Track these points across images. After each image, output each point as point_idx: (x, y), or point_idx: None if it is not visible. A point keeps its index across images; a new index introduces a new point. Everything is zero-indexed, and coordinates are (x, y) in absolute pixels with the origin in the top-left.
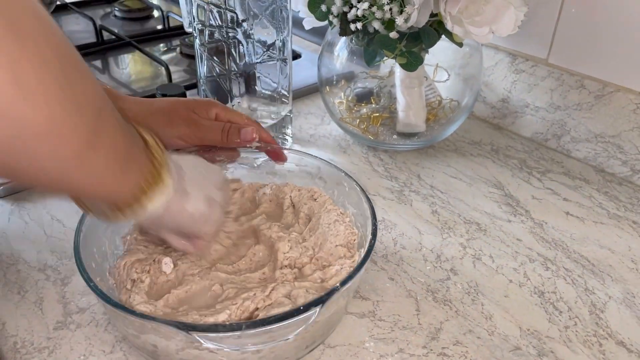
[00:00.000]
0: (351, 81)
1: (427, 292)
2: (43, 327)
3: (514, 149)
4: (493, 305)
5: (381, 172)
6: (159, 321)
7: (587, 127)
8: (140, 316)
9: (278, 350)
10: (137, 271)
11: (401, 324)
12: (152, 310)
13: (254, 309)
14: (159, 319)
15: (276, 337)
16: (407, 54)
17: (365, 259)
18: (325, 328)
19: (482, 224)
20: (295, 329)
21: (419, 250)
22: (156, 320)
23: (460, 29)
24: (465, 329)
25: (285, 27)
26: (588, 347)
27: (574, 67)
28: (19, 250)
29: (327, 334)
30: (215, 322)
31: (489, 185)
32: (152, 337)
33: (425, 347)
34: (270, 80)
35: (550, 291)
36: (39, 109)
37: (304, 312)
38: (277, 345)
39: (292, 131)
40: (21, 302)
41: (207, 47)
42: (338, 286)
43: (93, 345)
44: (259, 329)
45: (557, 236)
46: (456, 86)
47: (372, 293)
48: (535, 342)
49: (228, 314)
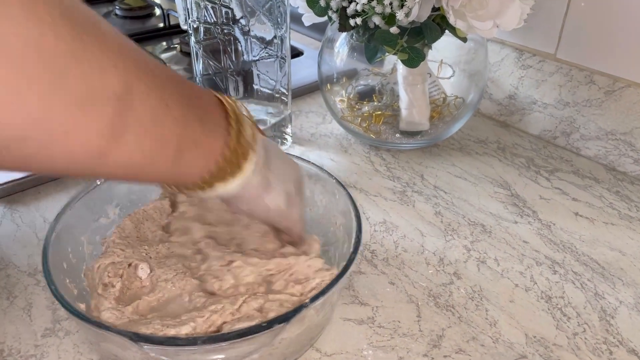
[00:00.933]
0: (353, 79)
1: (429, 297)
2: (31, 335)
3: (521, 147)
4: (498, 310)
5: (383, 172)
6: (111, 330)
7: (597, 124)
8: (94, 324)
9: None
10: (109, 275)
11: (401, 331)
12: (118, 317)
13: (222, 322)
14: (112, 328)
15: (239, 354)
16: (408, 49)
17: (341, 275)
18: (298, 345)
19: (487, 225)
20: (258, 347)
21: (421, 253)
22: (108, 329)
23: (464, 23)
24: (468, 336)
25: (284, 23)
26: (598, 355)
27: (583, 62)
28: (9, 254)
29: (301, 350)
30: (174, 335)
31: (494, 185)
32: (110, 346)
33: (426, 356)
34: (269, 78)
35: (558, 296)
36: (12, 111)
37: (266, 329)
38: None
39: (292, 130)
40: (10, 308)
41: (202, 45)
42: (307, 302)
43: (81, 354)
44: (216, 345)
45: (566, 238)
46: (461, 83)
47: (371, 298)
48: (542, 350)
49: (193, 327)
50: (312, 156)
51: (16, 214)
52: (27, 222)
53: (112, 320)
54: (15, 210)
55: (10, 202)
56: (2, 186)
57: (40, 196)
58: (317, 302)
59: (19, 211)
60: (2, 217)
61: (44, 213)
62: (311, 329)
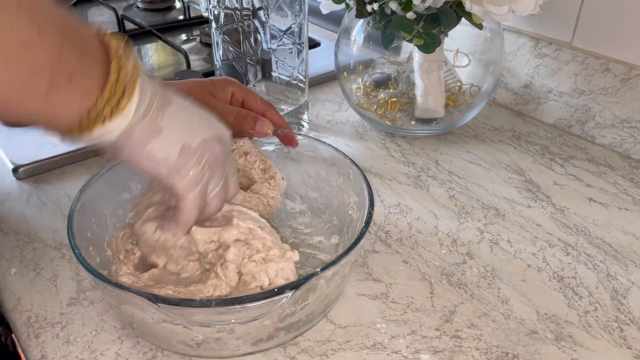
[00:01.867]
0: (369, 67)
1: (441, 276)
2: (57, 303)
3: (536, 136)
4: (510, 289)
5: (398, 158)
6: (131, 291)
7: (612, 112)
8: (115, 285)
9: (253, 331)
10: (132, 242)
11: (414, 306)
12: (134, 282)
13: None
14: (132, 289)
15: (248, 318)
16: (424, 35)
17: (352, 246)
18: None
19: (500, 209)
20: (267, 312)
21: (434, 234)
22: (129, 290)
23: (479, 8)
24: (480, 312)
25: (302, 11)
26: (609, 332)
27: (599, 50)
28: (36, 229)
29: (313, 321)
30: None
31: (509, 171)
32: (129, 308)
33: (438, 330)
34: (287, 65)
35: (570, 276)
36: None
37: (276, 295)
38: (251, 325)
39: (308, 117)
40: (36, 279)
41: (222, 31)
42: (317, 271)
43: (105, 321)
44: (228, 307)
45: (579, 222)
46: (477, 71)
47: (385, 275)
48: (553, 327)
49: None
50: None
51: (42, 192)
52: (52, 200)
53: (129, 284)
54: (42, 189)
55: (36, 181)
56: (29, 166)
57: (65, 176)
58: (328, 272)
59: (45, 190)
60: (29, 195)
61: (68, 192)
62: (321, 299)
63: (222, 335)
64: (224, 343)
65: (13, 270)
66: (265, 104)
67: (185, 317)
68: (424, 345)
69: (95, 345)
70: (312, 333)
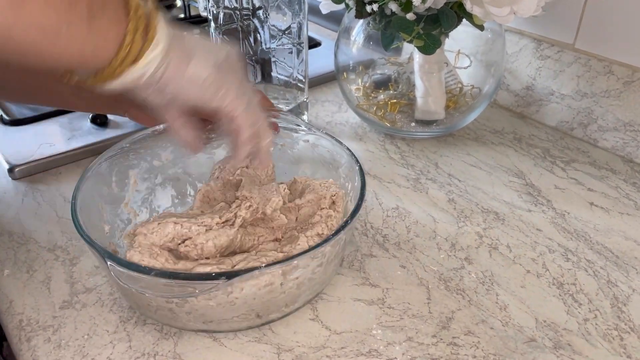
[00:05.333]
0: (369, 68)
1: (439, 281)
2: (49, 306)
3: (537, 138)
4: (508, 295)
5: (397, 160)
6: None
7: (615, 115)
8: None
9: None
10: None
11: (411, 312)
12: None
13: None
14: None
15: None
16: (424, 36)
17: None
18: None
19: (500, 213)
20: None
21: (432, 238)
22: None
23: (480, 9)
24: (477, 319)
25: (301, 10)
26: (608, 341)
27: (602, 52)
28: (30, 230)
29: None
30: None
31: (509, 175)
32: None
33: (435, 336)
34: (287, 65)
35: (570, 283)
36: None
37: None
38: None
39: (308, 118)
40: (29, 281)
41: (222, 31)
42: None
43: (97, 325)
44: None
45: (580, 227)
46: (478, 73)
47: (382, 280)
48: (552, 335)
49: None
50: None
51: (37, 192)
52: (47, 201)
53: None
54: (37, 190)
55: (32, 181)
56: (25, 166)
57: (61, 177)
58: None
59: (40, 190)
60: (24, 195)
61: (63, 192)
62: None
63: (172, 307)
64: (174, 314)
65: (6, 272)
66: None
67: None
68: (420, 352)
69: (87, 350)
70: (306, 339)
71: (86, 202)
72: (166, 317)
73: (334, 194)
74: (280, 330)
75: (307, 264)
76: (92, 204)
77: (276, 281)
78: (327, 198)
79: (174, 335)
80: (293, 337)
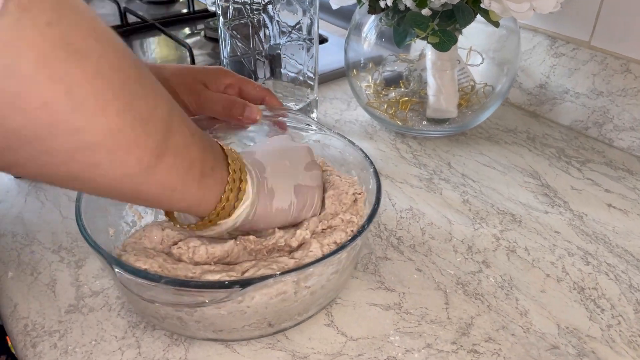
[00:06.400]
0: (380, 65)
1: (457, 285)
2: (55, 310)
3: (551, 138)
4: (529, 300)
5: (409, 159)
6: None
7: (632, 115)
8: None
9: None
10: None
11: (429, 318)
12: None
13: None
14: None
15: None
16: (439, 32)
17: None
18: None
19: (517, 214)
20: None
21: (448, 240)
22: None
23: (498, 5)
24: (498, 325)
25: (312, 5)
26: (633, 348)
27: (619, 49)
28: (34, 231)
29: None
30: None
31: (524, 175)
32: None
33: (454, 343)
34: (296, 61)
35: (591, 287)
36: (93, 119)
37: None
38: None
39: (317, 116)
40: (34, 284)
41: (230, 26)
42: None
43: (105, 330)
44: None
45: (599, 229)
46: (491, 71)
47: (398, 284)
48: (575, 342)
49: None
50: None
51: (41, 192)
52: (51, 200)
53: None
54: (40, 189)
55: (35, 180)
56: None
57: None
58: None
59: (44, 189)
60: (28, 194)
61: (67, 191)
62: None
63: (181, 315)
64: (184, 322)
65: (10, 274)
66: (263, 90)
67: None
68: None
69: (94, 356)
70: (322, 345)
71: (91, 204)
72: (175, 326)
73: (359, 191)
74: (294, 336)
75: (322, 272)
76: (97, 206)
77: (289, 289)
78: (349, 194)
79: (184, 342)
80: (308, 344)
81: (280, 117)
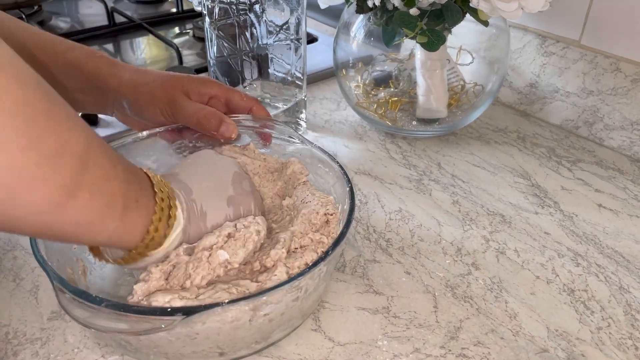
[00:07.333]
0: (369, 64)
1: (446, 288)
2: (37, 317)
3: (542, 137)
4: (518, 303)
5: (399, 160)
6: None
7: (622, 114)
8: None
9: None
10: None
11: (417, 322)
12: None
13: None
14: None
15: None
16: (428, 32)
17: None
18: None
19: (506, 215)
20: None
21: (438, 242)
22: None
23: (487, 4)
24: (487, 329)
25: (300, 4)
26: (623, 350)
27: (609, 48)
28: (17, 236)
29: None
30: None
31: (514, 175)
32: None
33: (443, 347)
34: (284, 62)
35: (581, 289)
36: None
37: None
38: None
39: (306, 116)
40: (16, 290)
41: (217, 26)
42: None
43: (87, 338)
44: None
45: (589, 230)
46: (481, 70)
47: (386, 288)
48: (565, 345)
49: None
50: (325, 143)
51: None
52: None
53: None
54: None
55: None
56: None
57: None
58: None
59: None
60: None
61: None
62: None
63: (129, 338)
64: (132, 345)
65: None
66: (250, 99)
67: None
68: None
69: None
70: (309, 351)
71: None
72: (126, 349)
73: (331, 212)
74: (280, 342)
75: (279, 299)
76: None
77: (244, 317)
78: (319, 214)
79: None
80: (295, 349)
81: (264, 129)
